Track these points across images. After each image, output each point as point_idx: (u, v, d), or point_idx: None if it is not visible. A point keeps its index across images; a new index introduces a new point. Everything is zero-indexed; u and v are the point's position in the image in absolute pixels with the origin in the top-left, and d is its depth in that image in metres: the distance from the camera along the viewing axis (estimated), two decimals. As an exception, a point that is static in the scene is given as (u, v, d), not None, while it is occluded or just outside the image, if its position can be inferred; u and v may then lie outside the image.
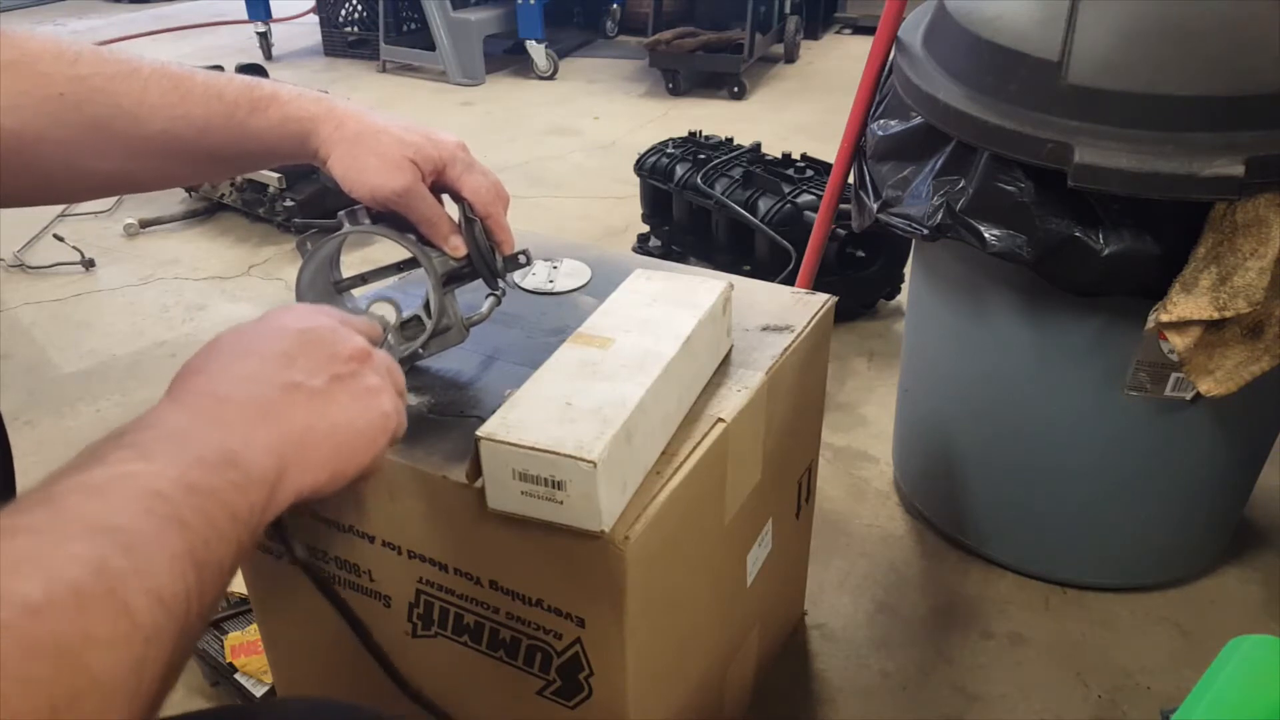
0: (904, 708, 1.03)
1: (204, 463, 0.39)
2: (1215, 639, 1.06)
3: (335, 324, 0.50)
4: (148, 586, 0.33)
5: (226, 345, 0.46)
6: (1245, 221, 0.84)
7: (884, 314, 1.83)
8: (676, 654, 0.75)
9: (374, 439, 0.48)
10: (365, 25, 3.88)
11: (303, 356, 0.47)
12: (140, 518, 0.35)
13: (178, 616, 0.34)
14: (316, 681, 0.87)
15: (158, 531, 0.35)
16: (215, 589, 0.38)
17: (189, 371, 0.45)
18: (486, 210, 0.69)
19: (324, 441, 0.45)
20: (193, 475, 0.38)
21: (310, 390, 0.46)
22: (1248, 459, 1.12)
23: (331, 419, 0.46)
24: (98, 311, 1.93)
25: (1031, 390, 1.07)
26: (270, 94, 0.64)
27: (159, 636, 0.33)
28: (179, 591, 0.35)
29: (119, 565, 0.33)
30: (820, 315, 0.86)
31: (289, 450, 0.43)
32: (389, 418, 0.50)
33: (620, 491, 0.60)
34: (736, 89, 3.26)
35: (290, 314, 0.50)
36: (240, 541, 0.39)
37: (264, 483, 0.41)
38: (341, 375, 0.48)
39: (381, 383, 0.50)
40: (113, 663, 0.31)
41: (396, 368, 0.53)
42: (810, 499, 1.01)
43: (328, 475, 0.46)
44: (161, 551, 0.34)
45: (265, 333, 0.48)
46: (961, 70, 0.98)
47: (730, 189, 1.77)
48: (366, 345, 0.51)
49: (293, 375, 0.46)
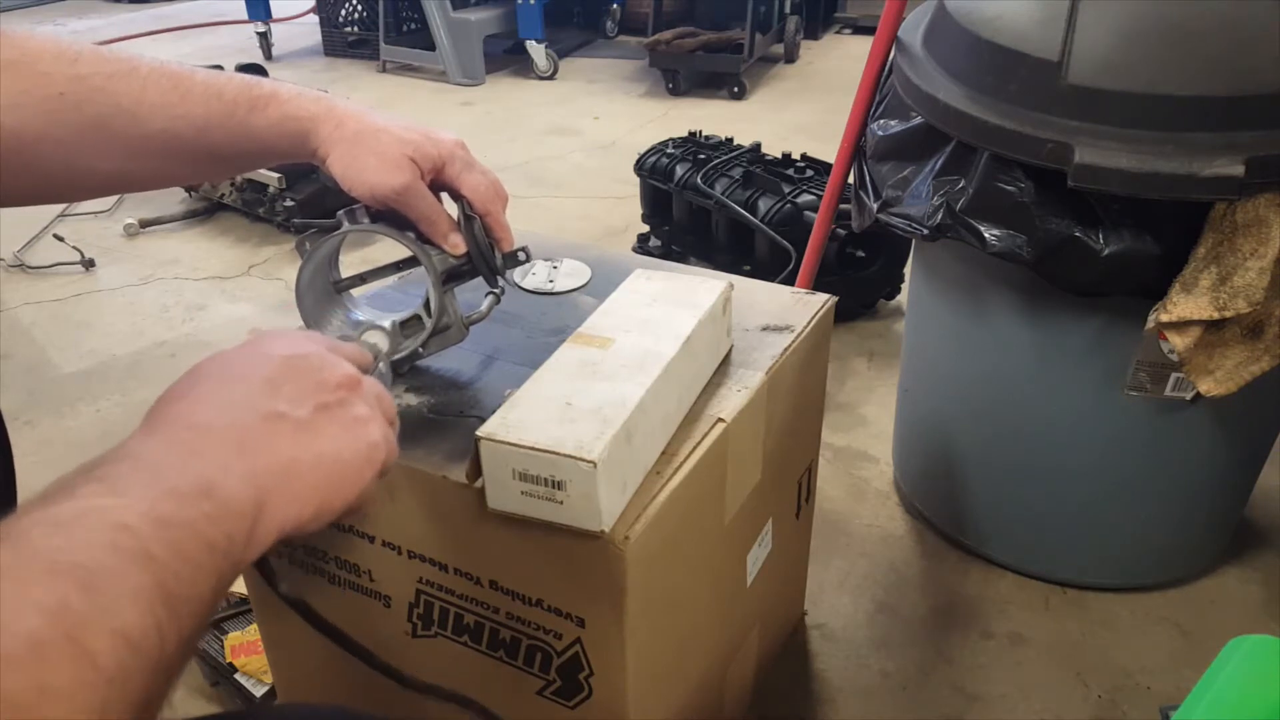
0: (904, 708, 1.03)
1: (176, 494, 0.37)
2: (1215, 639, 1.06)
3: (323, 351, 0.49)
4: (111, 626, 0.32)
5: (208, 372, 0.45)
6: (1245, 221, 0.84)
7: (884, 314, 1.83)
8: (676, 654, 0.75)
9: (361, 470, 0.47)
10: (365, 25, 3.88)
11: (288, 384, 0.45)
12: (103, 553, 0.34)
13: (148, 653, 0.33)
14: (317, 682, 0.87)
15: (123, 567, 0.34)
16: (195, 621, 0.37)
17: (168, 399, 0.43)
18: (485, 208, 0.69)
19: (309, 473, 0.44)
20: (163, 508, 0.36)
21: (295, 420, 0.44)
22: (1248, 459, 1.12)
23: (317, 450, 0.44)
24: (98, 311, 1.93)
25: (1031, 390, 1.07)
26: (270, 93, 0.64)
27: (124, 677, 0.32)
28: (147, 627, 0.33)
29: (79, 607, 0.32)
30: (820, 315, 0.86)
31: (271, 481, 0.42)
32: (377, 448, 0.48)
33: (620, 491, 0.60)
34: (736, 89, 3.26)
35: (276, 340, 0.48)
36: (220, 572, 0.38)
37: (241, 514, 0.40)
38: (329, 404, 0.46)
39: (370, 412, 0.48)
40: (72, 712, 0.30)
41: (386, 396, 0.51)
42: (810, 499, 1.01)
43: (313, 509, 0.44)
44: (126, 588, 0.33)
45: (250, 359, 0.46)
46: (961, 70, 0.98)
47: (730, 189, 1.77)
48: (355, 373, 0.49)
49: (277, 404, 0.44)
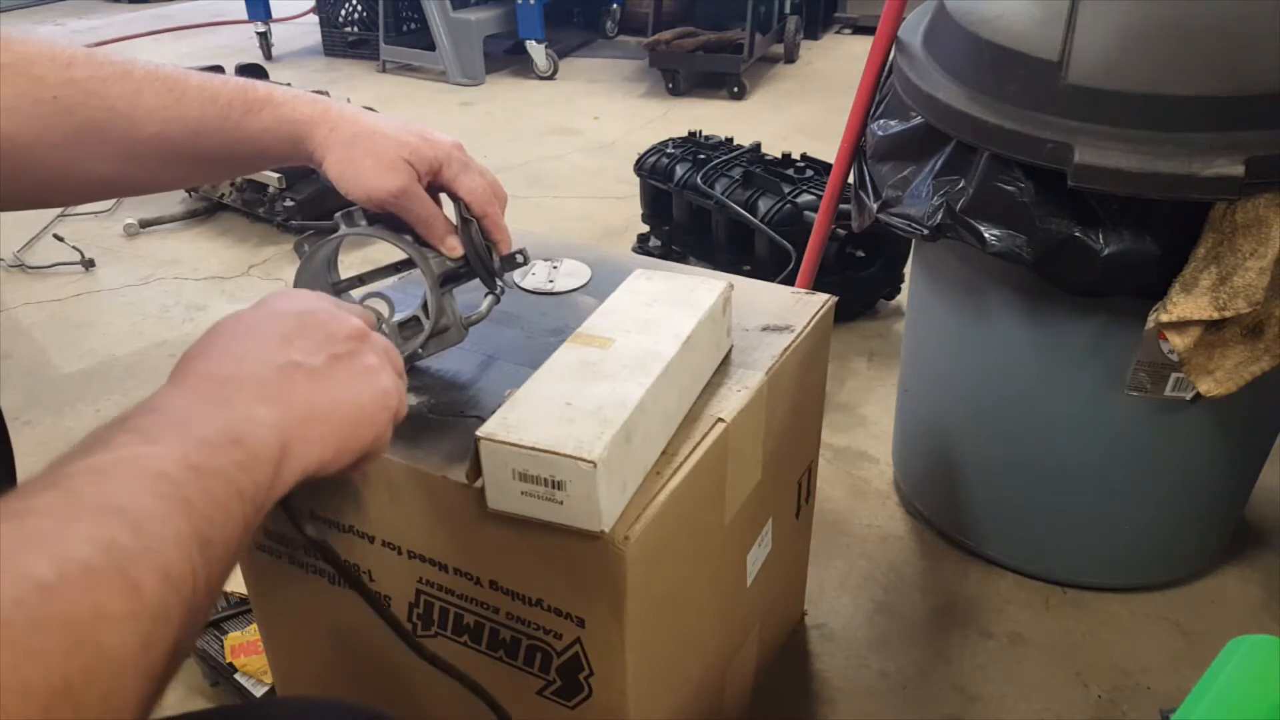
0: (904, 708, 1.03)
1: (207, 443, 0.39)
2: (1215, 639, 1.06)
3: (331, 306, 0.51)
4: (156, 565, 0.34)
5: (226, 330, 0.47)
6: (1245, 221, 0.84)
7: (884, 314, 1.83)
8: (676, 654, 0.75)
9: (376, 415, 0.49)
10: (365, 25, 3.87)
11: (300, 337, 0.47)
12: (147, 499, 0.35)
13: (185, 595, 0.35)
14: (316, 681, 0.87)
15: (164, 512, 0.35)
16: (222, 567, 0.38)
17: (190, 356, 0.45)
18: (483, 210, 0.69)
19: (327, 417, 0.46)
20: (196, 456, 0.38)
21: (310, 369, 0.46)
22: (1248, 459, 1.12)
23: (333, 395, 0.47)
24: (98, 311, 1.93)
25: (1031, 390, 1.07)
26: (265, 96, 0.64)
27: (167, 615, 0.34)
28: (185, 571, 0.35)
29: (127, 545, 0.33)
30: (820, 315, 0.86)
31: (292, 426, 0.44)
32: (389, 395, 0.50)
33: (620, 491, 0.60)
34: (736, 89, 3.26)
35: (287, 298, 0.50)
36: (247, 519, 0.40)
37: (269, 460, 0.42)
38: (340, 354, 0.48)
39: (380, 362, 0.51)
40: (123, 639, 0.32)
41: (394, 350, 0.53)
42: (810, 499, 1.01)
43: (333, 451, 0.46)
44: (168, 532, 0.35)
45: (263, 317, 0.48)
46: (961, 70, 0.98)
47: (730, 189, 1.77)
48: (363, 326, 0.51)
49: (291, 355, 0.46)
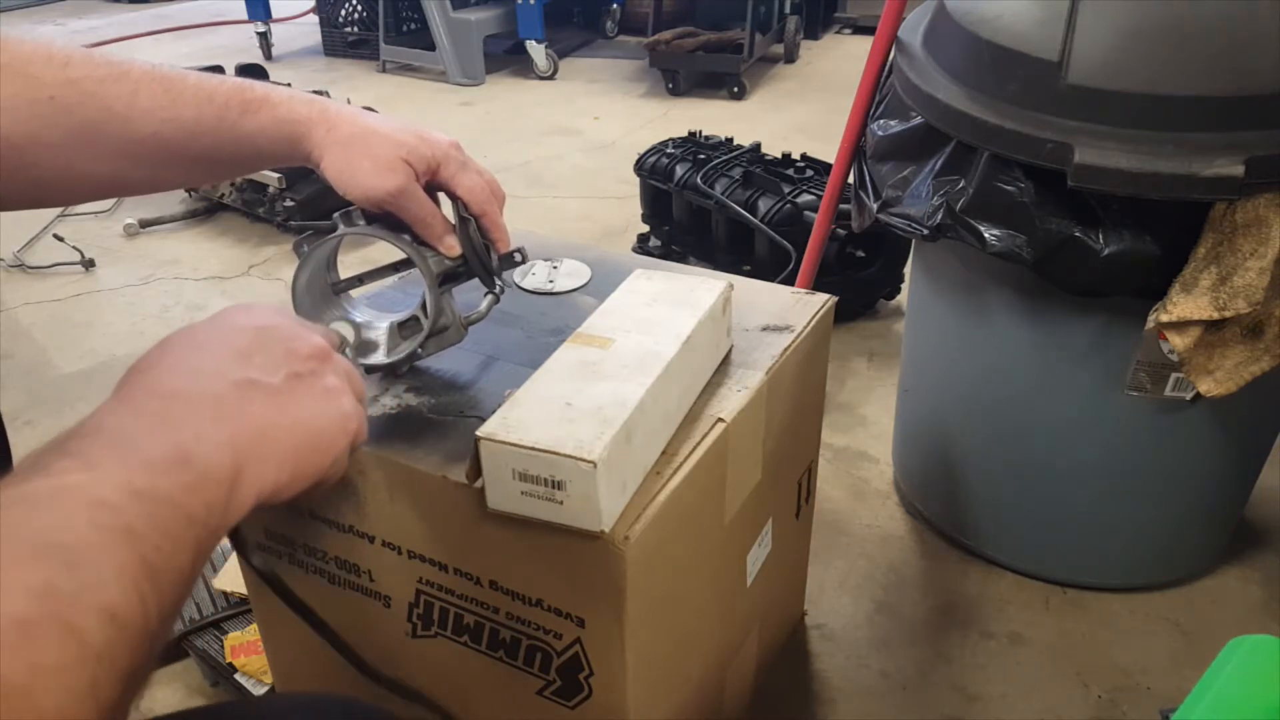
0: (904, 708, 1.03)
1: (152, 465, 0.37)
2: (1215, 639, 1.06)
3: (293, 323, 0.49)
4: (97, 604, 0.32)
5: (178, 343, 0.45)
6: (1245, 221, 0.84)
7: (884, 314, 1.83)
8: (676, 654, 0.75)
9: (335, 438, 0.47)
10: (365, 25, 3.88)
11: (260, 353, 0.45)
12: (85, 531, 0.33)
13: (133, 628, 0.33)
14: (316, 681, 0.87)
15: (105, 544, 0.34)
16: (176, 593, 0.36)
17: (137, 370, 0.43)
18: (481, 209, 0.69)
19: (284, 438, 0.44)
20: (140, 480, 0.36)
21: (268, 387, 0.44)
22: (1248, 459, 1.12)
23: (291, 416, 0.45)
24: (98, 311, 1.93)
25: (1031, 390, 1.07)
26: (262, 96, 0.63)
27: (112, 653, 0.32)
28: (132, 602, 0.33)
29: (64, 586, 0.31)
30: (820, 315, 0.86)
31: (246, 446, 0.42)
32: (349, 419, 0.48)
33: (620, 491, 0.60)
34: (736, 89, 3.26)
35: (247, 312, 0.48)
36: (200, 543, 0.38)
37: (219, 481, 0.40)
38: (300, 374, 0.46)
39: (341, 384, 0.49)
40: (63, 689, 0.30)
41: (355, 373, 0.52)
42: (810, 499, 1.01)
43: (289, 474, 0.44)
44: (109, 564, 0.33)
45: (221, 330, 0.46)
46: (961, 70, 0.98)
47: (730, 189, 1.77)
48: (325, 345, 0.49)
49: (249, 372, 0.44)
